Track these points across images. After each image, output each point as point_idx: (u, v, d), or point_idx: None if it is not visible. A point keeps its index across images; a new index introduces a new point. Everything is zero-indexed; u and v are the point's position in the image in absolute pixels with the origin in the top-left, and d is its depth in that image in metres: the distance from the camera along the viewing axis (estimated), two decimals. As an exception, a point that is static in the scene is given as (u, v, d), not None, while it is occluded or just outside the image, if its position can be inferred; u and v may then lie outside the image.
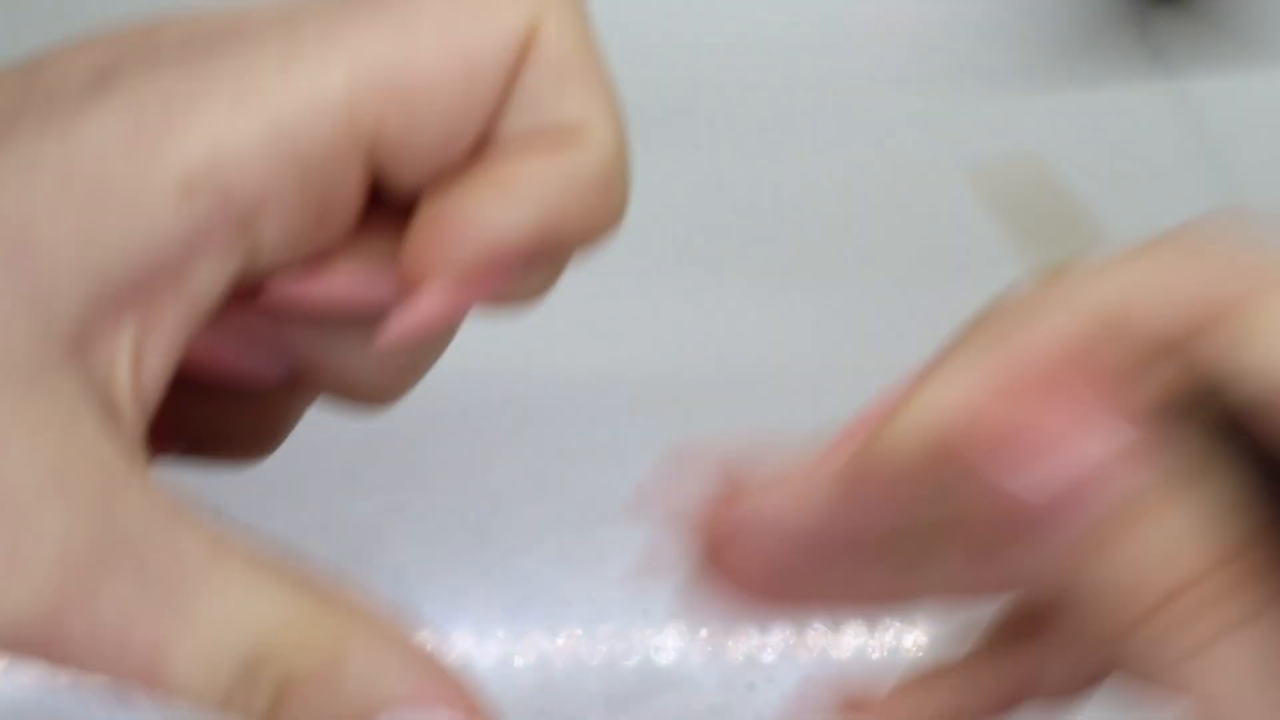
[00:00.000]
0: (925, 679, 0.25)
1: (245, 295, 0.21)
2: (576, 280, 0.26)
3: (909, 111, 0.31)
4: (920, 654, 0.42)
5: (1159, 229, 0.45)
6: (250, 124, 0.20)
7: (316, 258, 0.21)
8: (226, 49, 0.21)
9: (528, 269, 0.21)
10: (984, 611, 0.27)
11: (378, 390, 0.24)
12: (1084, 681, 0.24)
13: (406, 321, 0.21)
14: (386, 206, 0.21)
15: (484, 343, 0.28)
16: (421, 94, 0.20)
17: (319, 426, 0.25)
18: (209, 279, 0.20)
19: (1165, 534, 0.20)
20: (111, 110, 0.20)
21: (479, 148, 0.21)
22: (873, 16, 0.42)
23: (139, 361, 0.19)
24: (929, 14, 0.42)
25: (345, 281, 0.22)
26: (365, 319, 0.21)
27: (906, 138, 0.40)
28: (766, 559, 0.24)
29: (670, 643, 0.38)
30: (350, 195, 0.21)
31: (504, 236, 0.21)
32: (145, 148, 0.20)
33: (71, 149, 0.19)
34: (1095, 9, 0.43)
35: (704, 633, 0.40)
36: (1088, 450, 0.20)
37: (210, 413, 0.23)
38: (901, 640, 0.40)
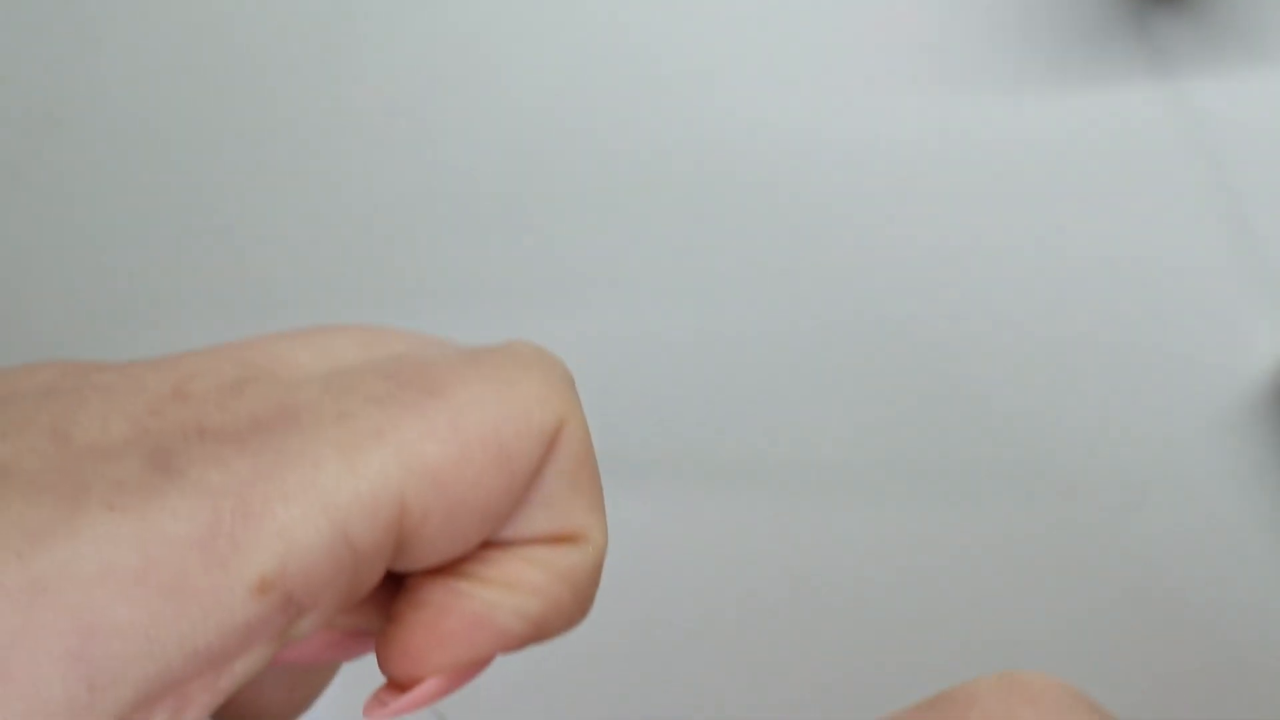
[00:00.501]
0: None
1: None
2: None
3: (906, 111, 0.31)
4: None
5: (1157, 231, 0.45)
6: (319, 526, 0.20)
7: None
8: (286, 436, 0.21)
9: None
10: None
11: (280, 714, 0.24)
12: None
13: (403, 706, 0.22)
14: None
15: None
16: (467, 491, 0.21)
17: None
18: (250, 664, 0.20)
19: None
20: (186, 505, 0.20)
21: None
22: (871, 16, 0.42)
23: None
24: (927, 14, 0.43)
25: (318, 646, 0.23)
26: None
27: (905, 137, 0.41)
28: None
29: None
30: (379, 575, 0.21)
31: (514, 632, 0.22)
32: (222, 548, 0.20)
33: (149, 540, 0.19)
34: (1094, 9, 0.43)
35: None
36: None
37: None
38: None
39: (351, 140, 0.42)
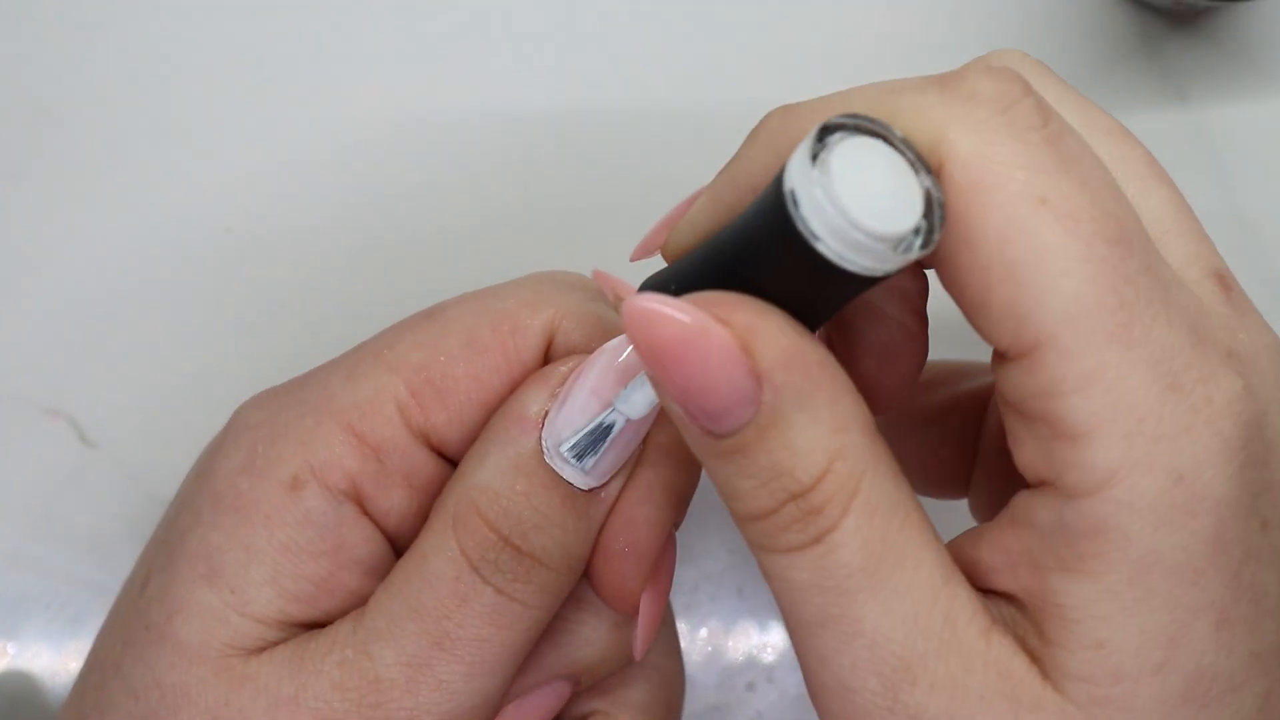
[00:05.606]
0: None
1: None
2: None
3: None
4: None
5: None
6: (329, 428, 0.26)
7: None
8: (314, 374, 0.27)
9: None
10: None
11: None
12: None
13: None
14: None
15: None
16: (457, 383, 0.26)
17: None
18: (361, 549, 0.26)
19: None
20: (231, 443, 0.27)
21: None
22: (886, 36, 0.42)
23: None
24: (936, 42, 0.43)
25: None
26: None
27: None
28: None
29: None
30: (419, 458, 0.26)
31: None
32: (260, 466, 0.26)
33: (214, 475, 0.26)
34: (1105, 32, 0.43)
35: (704, 632, 0.40)
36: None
37: None
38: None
39: (353, 139, 0.41)
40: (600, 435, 0.25)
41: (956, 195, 0.20)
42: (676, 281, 0.23)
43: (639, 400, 0.25)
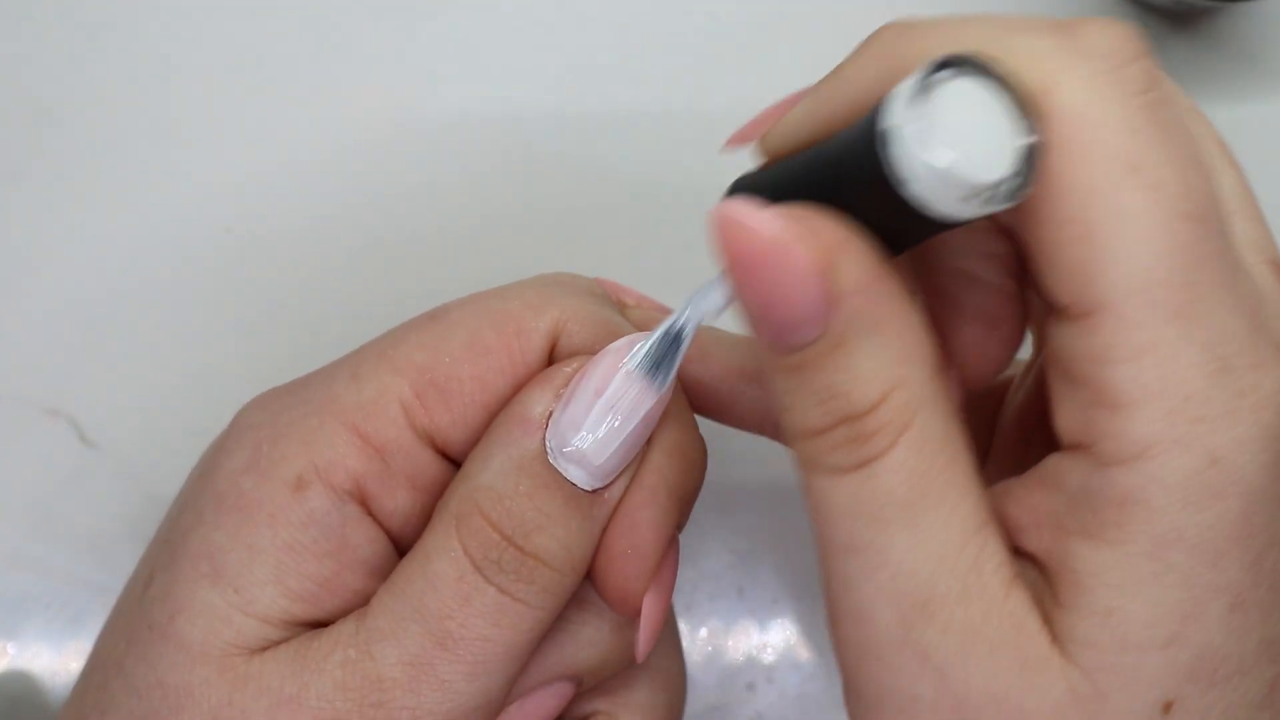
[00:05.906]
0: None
1: None
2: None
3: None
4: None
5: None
6: (333, 428, 0.26)
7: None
8: (318, 375, 0.27)
9: None
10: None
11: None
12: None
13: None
14: None
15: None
16: (461, 385, 0.26)
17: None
18: (366, 549, 0.26)
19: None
20: (239, 443, 0.26)
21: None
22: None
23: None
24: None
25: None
26: None
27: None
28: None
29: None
30: (423, 460, 0.26)
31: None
32: (264, 465, 0.25)
33: (217, 477, 0.26)
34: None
35: (704, 632, 0.40)
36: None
37: None
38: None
39: (353, 139, 0.41)
40: (673, 343, 0.25)
41: (1052, 147, 0.20)
42: (771, 188, 0.24)
43: (715, 299, 0.25)
